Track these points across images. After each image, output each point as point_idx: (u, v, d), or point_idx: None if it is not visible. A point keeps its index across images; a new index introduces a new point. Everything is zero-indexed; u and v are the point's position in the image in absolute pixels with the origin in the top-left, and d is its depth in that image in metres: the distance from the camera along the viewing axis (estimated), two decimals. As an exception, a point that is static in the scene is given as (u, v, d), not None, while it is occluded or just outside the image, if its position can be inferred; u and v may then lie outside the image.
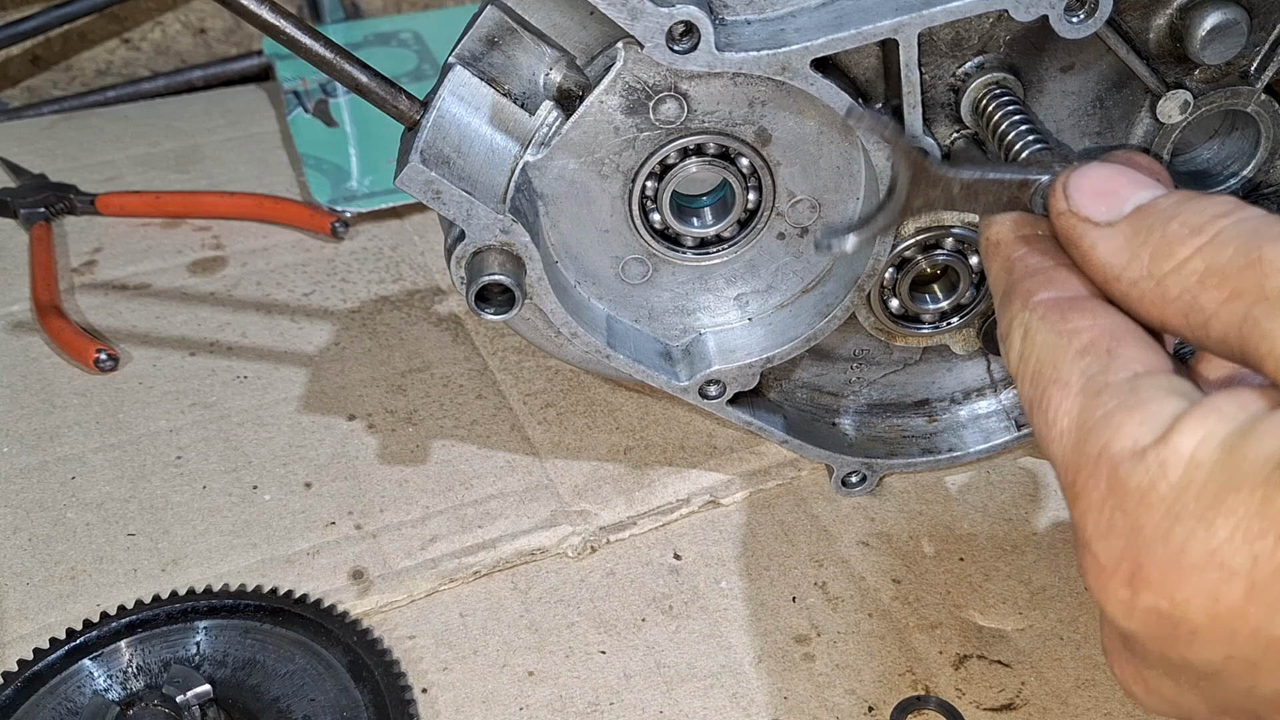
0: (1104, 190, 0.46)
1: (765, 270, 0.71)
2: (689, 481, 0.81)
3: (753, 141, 0.65)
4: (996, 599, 0.73)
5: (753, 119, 0.65)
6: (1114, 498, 0.40)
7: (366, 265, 1.01)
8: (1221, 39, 0.62)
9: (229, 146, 1.18)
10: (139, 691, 0.63)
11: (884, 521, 0.78)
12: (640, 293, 0.71)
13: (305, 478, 0.81)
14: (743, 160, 0.66)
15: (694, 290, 0.72)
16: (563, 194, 0.66)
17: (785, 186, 0.68)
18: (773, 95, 0.64)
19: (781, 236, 0.70)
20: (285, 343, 0.93)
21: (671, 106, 0.63)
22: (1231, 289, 0.40)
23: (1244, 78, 0.67)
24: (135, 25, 1.37)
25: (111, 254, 1.03)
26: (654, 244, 0.69)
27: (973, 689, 0.67)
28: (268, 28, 0.59)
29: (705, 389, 0.72)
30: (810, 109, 0.65)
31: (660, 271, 0.70)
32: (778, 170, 0.67)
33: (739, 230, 0.69)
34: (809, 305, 0.72)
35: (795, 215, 0.69)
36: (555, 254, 0.69)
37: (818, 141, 0.66)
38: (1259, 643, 0.37)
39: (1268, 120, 0.69)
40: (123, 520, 0.78)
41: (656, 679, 0.68)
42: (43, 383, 0.89)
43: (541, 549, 0.76)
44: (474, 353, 0.92)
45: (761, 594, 0.73)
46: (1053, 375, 0.44)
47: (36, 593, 0.73)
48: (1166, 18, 0.63)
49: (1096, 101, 0.67)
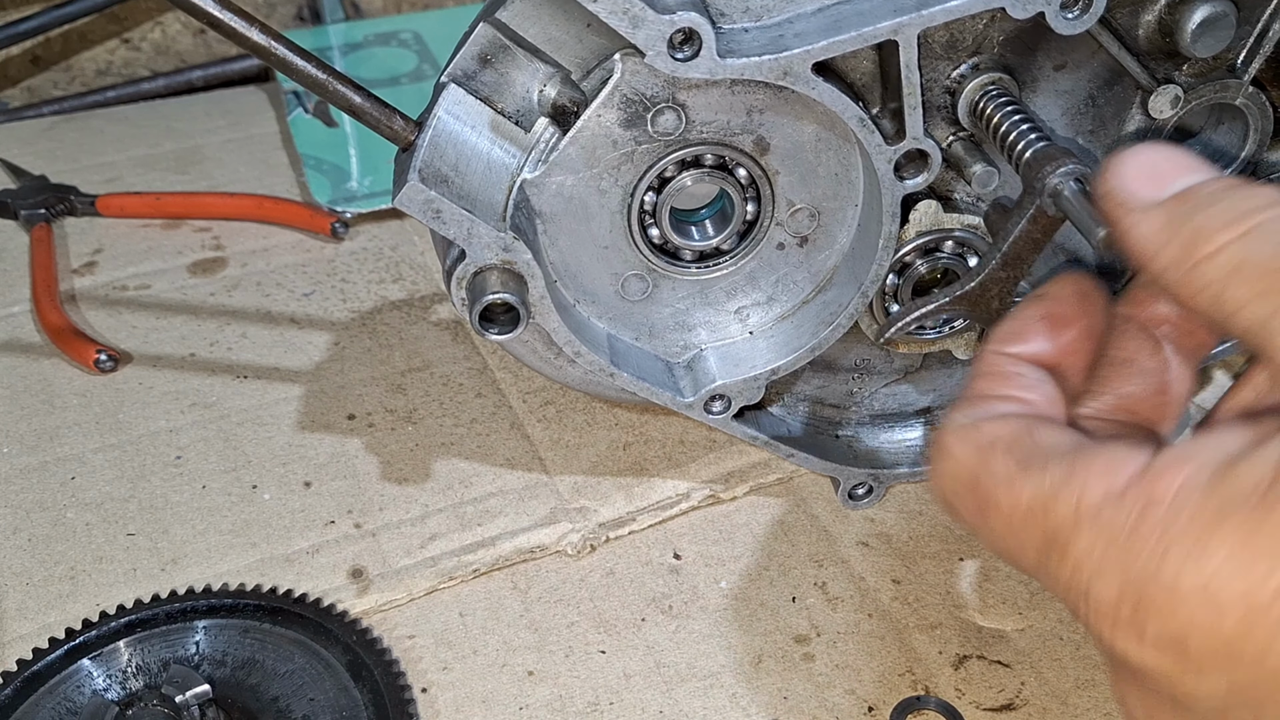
0: (1150, 172, 0.45)
1: (765, 282, 0.71)
2: (689, 477, 0.81)
3: (751, 151, 0.65)
4: (996, 599, 0.73)
5: (751, 128, 0.65)
6: (1102, 540, 0.39)
7: (366, 265, 1.01)
8: (1211, 31, 0.62)
9: (229, 147, 1.18)
10: (138, 691, 0.63)
11: (884, 522, 0.78)
12: (640, 310, 0.71)
13: (305, 477, 0.81)
14: (740, 170, 0.66)
15: (694, 305, 0.71)
16: (561, 211, 0.65)
17: (784, 195, 0.67)
18: (770, 103, 0.64)
19: (781, 247, 0.69)
20: (285, 343, 0.93)
21: (670, 118, 0.63)
22: (1265, 286, 0.39)
23: (1231, 71, 0.67)
24: (135, 25, 1.37)
25: (112, 255, 1.03)
26: (654, 259, 0.69)
27: (972, 689, 0.67)
28: (259, 50, 0.58)
29: (710, 404, 0.71)
30: (808, 116, 0.65)
31: (660, 287, 0.70)
32: (776, 179, 0.67)
33: (739, 242, 0.69)
34: (811, 315, 0.72)
35: (795, 224, 0.69)
36: (555, 273, 0.68)
37: (815, 149, 0.66)
38: (1260, 672, 0.37)
39: (1255, 112, 0.69)
40: (122, 520, 0.78)
41: (656, 679, 0.68)
42: (43, 383, 0.89)
43: (541, 546, 0.76)
44: (473, 351, 0.92)
45: (761, 594, 0.73)
46: (989, 482, 0.44)
47: (36, 593, 0.73)
48: (1155, 13, 0.64)
49: (1089, 100, 0.68)
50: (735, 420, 0.73)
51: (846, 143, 0.66)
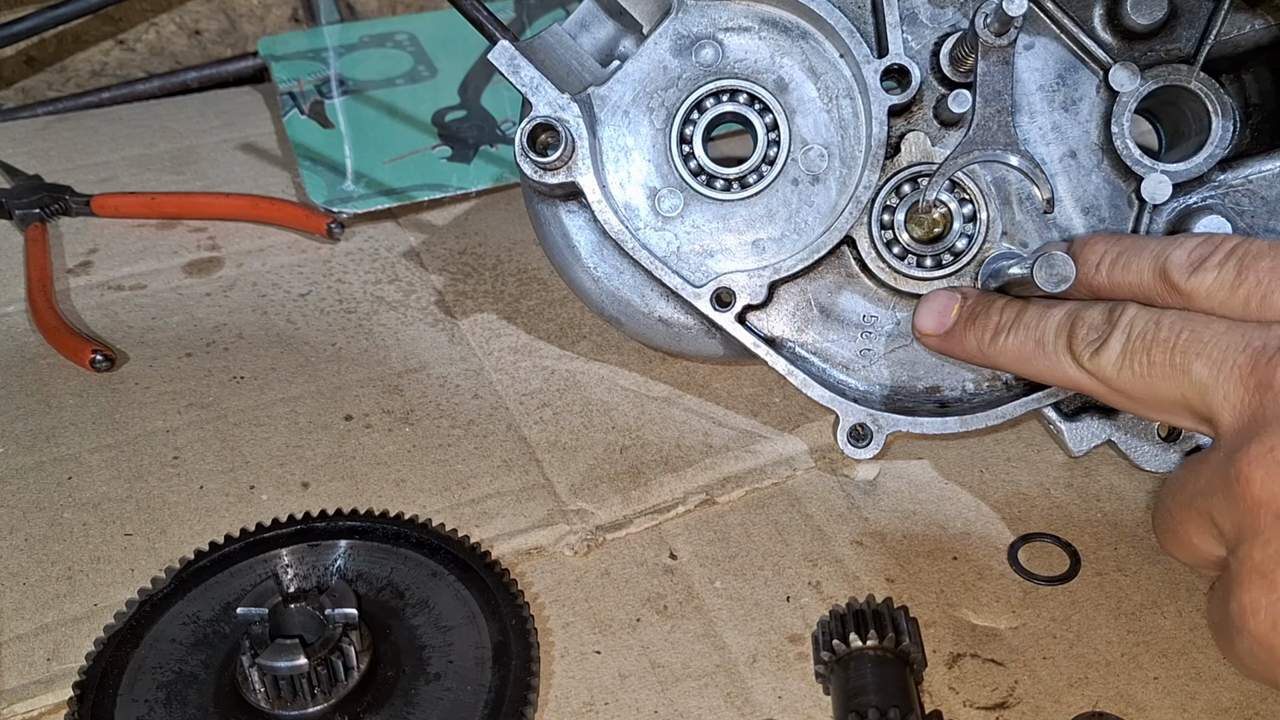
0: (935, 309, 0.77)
1: (780, 217, 0.80)
2: (685, 480, 0.81)
3: (772, 89, 0.79)
4: (989, 598, 0.73)
5: (773, 69, 0.79)
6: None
7: (362, 266, 1.02)
8: (1146, 2, 0.76)
9: (224, 148, 1.19)
10: (308, 591, 0.65)
11: (877, 521, 0.79)
12: (670, 228, 0.81)
13: (302, 477, 0.81)
14: (764, 108, 0.79)
15: (717, 231, 0.81)
16: (616, 122, 0.80)
17: (799, 135, 0.80)
18: (790, 49, 0.79)
19: (795, 182, 0.80)
20: (281, 343, 0.93)
21: (710, 51, 0.79)
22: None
23: (1184, 61, 0.77)
24: (130, 27, 1.37)
25: (107, 255, 1.03)
26: (687, 177, 0.80)
27: (966, 687, 0.68)
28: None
29: (719, 295, 0.79)
30: (822, 64, 0.79)
31: (690, 206, 0.80)
32: (794, 118, 0.79)
33: (759, 176, 0.80)
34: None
35: (807, 162, 0.79)
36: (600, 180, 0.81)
37: (826, 93, 0.79)
38: None
39: (1212, 97, 0.77)
40: (120, 520, 0.78)
41: (651, 679, 0.69)
42: (39, 383, 0.89)
43: (539, 547, 0.77)
44: (470, 353, 0.92)
45: (756, 593, 0.74)
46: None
47: (33, 593, 0.73)
48: (1102, 4, 0.78)
49: (1059, 79, 0.79)
50: (740, 326, 0.80)
51: (851, 94, 0.79)
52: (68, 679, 0.66)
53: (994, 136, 0.75)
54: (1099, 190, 0.79)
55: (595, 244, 0.83)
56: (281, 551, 0.72)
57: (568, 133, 0.76)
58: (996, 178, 0.79)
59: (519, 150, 0.77)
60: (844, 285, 0.82)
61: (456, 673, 0.65)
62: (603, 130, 0.80)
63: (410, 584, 0.70)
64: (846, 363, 0.82)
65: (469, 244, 1.03)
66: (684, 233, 0.81)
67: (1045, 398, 0.79)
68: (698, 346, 0.84)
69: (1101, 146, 0.78)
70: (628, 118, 0.80)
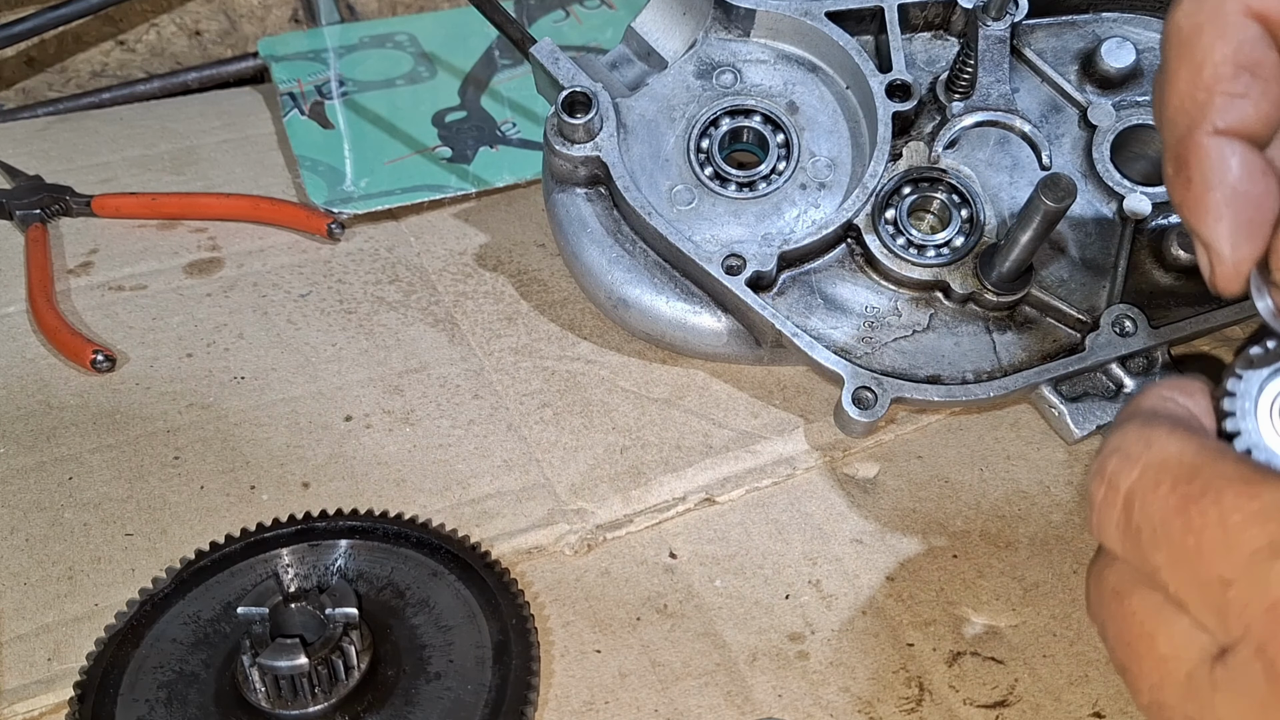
0: None
1: (789, 214, 0.87)
2: (685, 480, 0.81)
3: (784, 112, 0.89)
4: (990, 596, 0.73)
5: (786, 94, 0.90)
6: None
7: (363, 266, 1.02)
8: (1116, 51, 0.88)
9: (225, 148, 1.18)
10: (308, 591, 0.66)
11: (877, 519, 0.79)
12: (686, 218, 0.87)
13: (303, 478, 0.81)
14: (775, 126, 0.88)
15: (730, 223, 0.87)
16: (640, 128, 0.89)
17: (808, 147, 0.88)
18: (801, 78, 0.90)
19: (803, 187, 0.87)
20: (282, 343, 0.93)
21: (729, 76, 0.90)
22: None
23: None
24: (130, 27, 1.37)
25: (108, 255, 1.03)
26: (703, 177, 0.88)
27: (966, 686, 0.68)
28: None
29: (729, 261, 0.83)
30: (828, 91, 0.90)
31: (704, 201, 0.88)
32: (802, 134, 0.89)
33: (769, 181, 0.87)
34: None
35: (814, 170, 0.88)
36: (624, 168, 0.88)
37: (833, 116, 0.89)
38: None
39: None
40: (120, 520, 0.78)
41: (651, 678, 0.69)
42: (39, 384, 0.89)
43: (539, 547, 0.77)
44: (470, 353, 0.92)
45: (756, 592, 0.74)
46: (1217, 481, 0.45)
47: (34, 593, 0.73)
48: (1078, 57, 0.90)
49: (1043, 118, 0.89)
50: (751, 291, 0.83)
51: (853, 116, 0.88)
52: (68, 679, 0.66)
53: (995, 103, 0.85)
54: (1085, 208, 0.88)
55: (611, 229, 0.88)
56: (282, 551, 0.72)
57: (599, 104, 0.84)
58: (991, 191, 0.85)
59: (551, 124, 0.85)
60: (847, 276, 0.87)
61: (457, 672, 0.65)
62: (628, 135, 0.88)
63: (410, 583, 0.70)
64: (849, 348, 0.83)
65: (469, 245, 1.03)
66: (697, 223, 0.87)
67: (1044, 372, 0.82)
68: (702, 338, 0.87)
69: (1085, 173, 0.88)
70: (650, 125, 0.88)
